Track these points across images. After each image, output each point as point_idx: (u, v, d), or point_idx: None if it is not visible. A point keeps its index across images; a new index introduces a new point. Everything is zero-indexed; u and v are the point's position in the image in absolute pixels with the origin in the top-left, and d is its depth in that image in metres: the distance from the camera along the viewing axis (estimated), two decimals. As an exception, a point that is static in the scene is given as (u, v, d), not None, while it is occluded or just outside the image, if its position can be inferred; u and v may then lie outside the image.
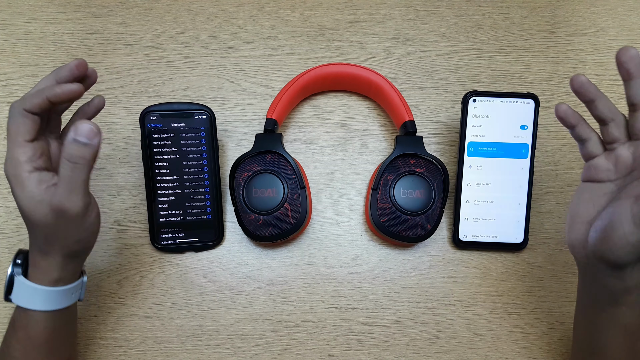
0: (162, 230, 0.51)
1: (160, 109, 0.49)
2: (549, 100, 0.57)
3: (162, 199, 0.50)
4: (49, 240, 0.38)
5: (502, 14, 0.60)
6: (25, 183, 0.37)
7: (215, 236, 0.51)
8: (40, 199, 0.37)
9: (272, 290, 0.51)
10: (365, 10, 0.60)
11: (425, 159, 0.50)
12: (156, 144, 0.50)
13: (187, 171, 0.50)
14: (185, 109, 0.49)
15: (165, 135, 0.50)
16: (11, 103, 0.38)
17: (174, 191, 0.50)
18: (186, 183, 0.50)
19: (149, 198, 0.50)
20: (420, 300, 0.51)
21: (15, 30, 0.58)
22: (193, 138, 0.50)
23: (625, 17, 0.60)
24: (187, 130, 0.50)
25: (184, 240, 0.51)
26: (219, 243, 0.52)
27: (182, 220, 0.51)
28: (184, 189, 0.50)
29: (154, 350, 0.50)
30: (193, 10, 0.59)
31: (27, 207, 0.37)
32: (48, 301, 0.40)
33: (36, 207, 0.37)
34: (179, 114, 0.49)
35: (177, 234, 0.51)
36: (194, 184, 0.50)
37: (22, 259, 0.40)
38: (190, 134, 0.50)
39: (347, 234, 0.53)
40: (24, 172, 0.37)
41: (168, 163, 0.50)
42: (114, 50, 0.57)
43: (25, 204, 0.37)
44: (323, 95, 0.57)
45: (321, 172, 0.55)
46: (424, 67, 0.58)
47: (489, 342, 0.50)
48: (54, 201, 0.36)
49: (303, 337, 0.50)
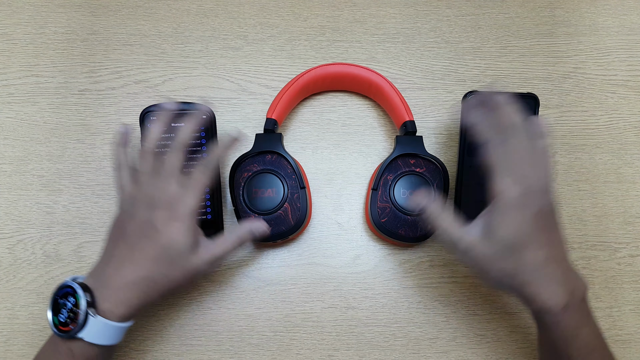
0: None
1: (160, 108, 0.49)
2: (549, 100, 0.57)
3: None
4: (172, 291, 0.42)
5: (502, 14, 0.60)
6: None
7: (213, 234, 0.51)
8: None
9: (272, 290, 0.51)
10: (365, 10, 0.60)
11: (426, 159, 0.50)
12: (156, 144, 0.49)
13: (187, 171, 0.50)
14: (186, 109, 0.49)
15: (165, 135, 0.49)
16: None
17: None
18: None
19: None
20: (420, 300, 0.51)
21: (15, 30, 0.58)
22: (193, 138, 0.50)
23: (625, 17, 0.60)
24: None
25: None
26: None
27: None
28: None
29: (154, 350, 0.50)
30: (193, 10, 0.59)
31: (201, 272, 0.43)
32: (121, 335, 0.41)
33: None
34: (179, 114, 0.49)
35: None
36: None
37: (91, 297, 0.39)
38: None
39: (347, 234, 0.53)
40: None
41: None
42: (114, 50, 0.57)
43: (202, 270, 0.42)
44: (323, 95, 0.57)
45: (321, 172, 0.55)
46: (424, 67, 0.58)
47: (489, 342, 0.50)
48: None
49: (303, 337, 0.50)
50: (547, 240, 0.39)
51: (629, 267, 0.53)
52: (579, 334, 0.38)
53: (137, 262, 0.40)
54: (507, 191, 0.38)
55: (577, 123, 0.57)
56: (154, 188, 0.42)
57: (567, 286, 0.38)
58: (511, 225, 0.38)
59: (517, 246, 0.38)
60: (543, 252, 0.38)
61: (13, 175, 0.54)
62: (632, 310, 0.51)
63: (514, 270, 0.38)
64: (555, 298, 0.37)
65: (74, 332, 0.38)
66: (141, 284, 0.40)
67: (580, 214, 0.54)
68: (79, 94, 0.56)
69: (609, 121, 0.57)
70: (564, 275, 0.39)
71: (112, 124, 0.55)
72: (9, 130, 0.55)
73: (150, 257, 0.40)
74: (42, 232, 0.52)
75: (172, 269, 0.41)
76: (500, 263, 0.38)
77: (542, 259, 0.38)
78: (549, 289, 0.38)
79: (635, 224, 0.54)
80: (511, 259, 0.38)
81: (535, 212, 0.38)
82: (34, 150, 0.54)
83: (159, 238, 0.40)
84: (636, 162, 0.56)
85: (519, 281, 0.38)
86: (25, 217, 0.52)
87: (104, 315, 0.39)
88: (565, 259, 0.40)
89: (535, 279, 0.38)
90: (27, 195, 0.53)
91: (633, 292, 0.52)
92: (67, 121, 0.55)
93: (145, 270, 0.40)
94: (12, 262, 0.51)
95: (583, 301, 0.39)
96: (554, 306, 0.37)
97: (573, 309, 0.38)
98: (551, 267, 0.38)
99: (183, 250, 0.41)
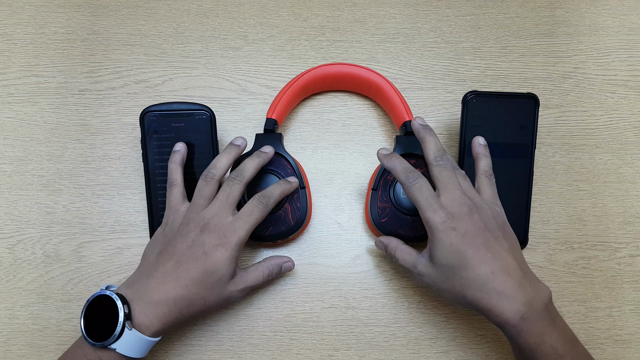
0: None
1: (160, 109, 0.49)
2: (549, 100, 0.57)
3: (162, 199, 0.50)
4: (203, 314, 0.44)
5: (502, 14, 0.60)
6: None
7: None
8: None
9: (272, 290, 0.51)
10: (365, 10, 0.60)
11: (425, 159, 0.50)
12: (156, 144, 0.49)
13: (188, 171, 0.50)
14: (185, 109, 0.49)
15: (165, 136, 0.49)
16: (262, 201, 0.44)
17: None
18: (186, 183, 0.50)
19: (149, 198, 0.50)
20: (420, 300, 0.51)
21: (15, 30, 0.58)
22: (193, 138, 0.50)
23: (625, 17, 0.60)
24: (187, 130, 0.50)
25: None
26: None
27: None
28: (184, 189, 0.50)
29: (154, 350, 0.49)
30: (193, 10, 0.59)
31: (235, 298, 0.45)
32: (149, 349, 0.42)
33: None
34: (179, 114, 0.49)
35: None
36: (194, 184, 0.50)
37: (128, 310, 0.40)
38: (190, 134, 0.50)
39: (347, 234, 0.53)
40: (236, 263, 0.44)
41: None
42: (114, 50, 0.57)
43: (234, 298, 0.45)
44: (323, 95, 0.57)
45: (321, 172, 0.55)
46: (424, 67, 0.58)
47: (489, 342, 0.50)
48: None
49: (303, 337, 0.50)
50: (490, 255, 0.40)
51: (629, 267, 0.53)
52: (544, 341, 0.38)
53: (180, 281, 0.41)
54: (431, 219, 0.40)
55: (577, 123, 0.57)
56: (211, 213, 0.43)
57: (521, 297, 0.39)
58: (444, 248, 0.40)
59: (456, 267, 0.40)
60: (486, 267, 0.39)
61: (13, 175, 0.54)
62: (632, 310, 0.51)
63: (462, 288, 0.40)
64: (509, 311, 0.38)
65: (108, 343, 0.38)
66: (179, 303, 0.41)
67: (580, 214, 0.54)
68: (79, 94, 0.56)
69: (609, 121, 0.57)
70: (517, 286, 0.39)
71: (112, 124, 0.55)
72: (9, 130, 0.55)
73: (194, 278, 0.41)
74: (42, 232, 0.52)
75: (210, 293, 0.42)
76: (448, 283, 0.41)
77: (486, 274, 0.39)
78: (501, 303, 0.39)
79: (635, 224, 0.54)
80: (456, 279, 0.40)
81: (464, 233, 0.40)
82: (34, 150, 0.54)
83: (205, 261, 0.41)
84: (636, 162, 0.56)
85: (470, 298, 0.40)
86: (25, 217, 0.52)
87: (139, 329, 0.39)
88: (517, 270, 0.40)
89: (485, 294, 0.39)
90: (27, 195, 0.53)
91: (633, 292, 0.52)
92: (67, 121, 0.55)
93: (186, 290, 0.41)
94: (12, 262, 0.51)
95: (545, 309, 0.40)
96: (511, 319, 0.38)
97: (533, 318, 0.38)
98: (499, 280, 0.39)
99: (223, 277, 0.42)
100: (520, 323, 0.38)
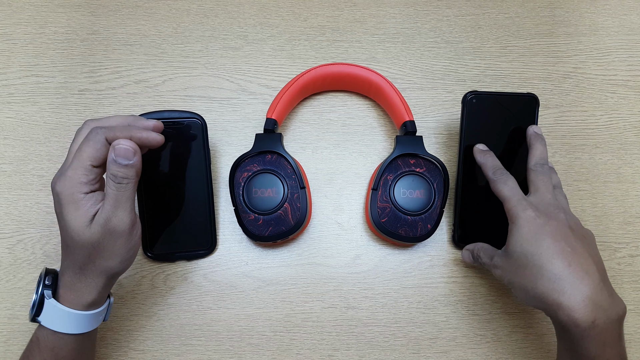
0: (153, 239, 0.50)
1: (151, 117, 0.48)
2: (549, 100, 0.57)
3: (154, 207, 0.49)
4: (93, 260, 0.38)
5: (502, 14, 0.60)
6: (81, 203, 0.37)
7: (208, 245, 0.51)
8: (91, 218, 0.37)
9: (272, 290, 0.51)
10: (365, 10, 0.60)
11: (425, 159, 0.50)
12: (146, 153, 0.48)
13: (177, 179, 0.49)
14: (176, 117, 0.48)
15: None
16: (90, 124, 0.39)
17: (166, 199, 0.49)
18: (179, 191, 0.49)
19: (141, 206, 0.49)
20: (420, 300, 0.51)
21: (15, 30, 0.58)
22: (184, 146, 0.49)
23: (625, 17, 0.60)
24: (178, 138, 0.48)
25: (176, 248, 0.51)
26: (212, 252, 0.52)
27: (174, 228, 0.50)
28: (176, 197, 0.49)
29: (154, 350, 0.50)
30: (193, 10, 0.59)
31: (76, 227, 0.37)
32: (81, 325, 0.40)
33: (86, 226, 0.37)
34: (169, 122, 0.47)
35: (170, 242, 0.50)
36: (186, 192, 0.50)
37: (51, 280, 0.39)
38: (181, 142, 0.48)
39: (347, 234, 0.53)
40: (80, 193, 0.37)
41: (159, 171, 0.49)
42: (114, 50, 0.57)
43: (75, 224, 0.37)
44: (323, 95, 0.57)
45: (321, 172, 0.55)
46: (424, 67, 0.58)
47: (489, 342, 0.50)
48: (102, 219, 0.37)
49: (303, 337, 0.50)
50: (570, 250, 0.39)
51: (629, 267, 0.53)
52: (605, 353, 0.36)
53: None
54: (514, 208, 0.42)
55: (577, 123, 0.57)
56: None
57: (598, 301, 0.36)
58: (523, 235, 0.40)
59: (532, 254, 0.39)
60: (564, 259, 0.38)
61: (13, 175, 0.54)
62: (632, 310, 0.51)
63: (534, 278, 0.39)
64: (581, 312, 0.36)
65: (33, 318, 0.38)
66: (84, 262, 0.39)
67: (580, 214, 0.54)
68: (79, 94, 0.56)
69: (609, 121, 0.57)
70: (596, 288, 0.37)
71: (112, 124, 0.55)
72: (9, 130, 0.55)
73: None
74: (42, 232, 0.52)
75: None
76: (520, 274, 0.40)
77: (562, 266, 0.38)
78: (574, 300, 0.36)
79: (635, 224, 0.54)
80: (529, 268, 0.39)
81: (545, 223, 0.40)
82: (34, 150, 0.54)
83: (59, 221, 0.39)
84: (636, 162, 0.56)
85: (540, 290, 0.38)
86: (25, 217, 0.52)
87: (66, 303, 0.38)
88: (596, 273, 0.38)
89: (558, 286, 0.37)
90: (27, 195, 0.53)
91: (633, 292, 0.52)
92: (67, 121, 0.55)
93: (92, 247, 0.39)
94: (12, 262, 0.51)
95: (618, 322, 0.37)
96: (582, 320, 0.36)
97: (604, 327, 0.36)
98: (576, 276, 0.37)
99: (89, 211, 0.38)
100: (589, 327, 0.36)
